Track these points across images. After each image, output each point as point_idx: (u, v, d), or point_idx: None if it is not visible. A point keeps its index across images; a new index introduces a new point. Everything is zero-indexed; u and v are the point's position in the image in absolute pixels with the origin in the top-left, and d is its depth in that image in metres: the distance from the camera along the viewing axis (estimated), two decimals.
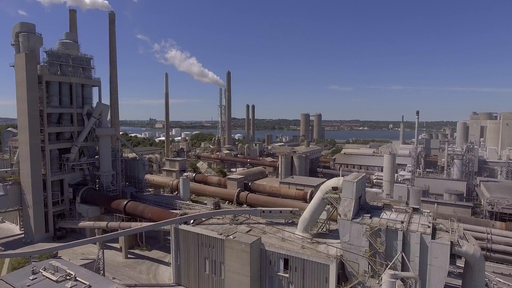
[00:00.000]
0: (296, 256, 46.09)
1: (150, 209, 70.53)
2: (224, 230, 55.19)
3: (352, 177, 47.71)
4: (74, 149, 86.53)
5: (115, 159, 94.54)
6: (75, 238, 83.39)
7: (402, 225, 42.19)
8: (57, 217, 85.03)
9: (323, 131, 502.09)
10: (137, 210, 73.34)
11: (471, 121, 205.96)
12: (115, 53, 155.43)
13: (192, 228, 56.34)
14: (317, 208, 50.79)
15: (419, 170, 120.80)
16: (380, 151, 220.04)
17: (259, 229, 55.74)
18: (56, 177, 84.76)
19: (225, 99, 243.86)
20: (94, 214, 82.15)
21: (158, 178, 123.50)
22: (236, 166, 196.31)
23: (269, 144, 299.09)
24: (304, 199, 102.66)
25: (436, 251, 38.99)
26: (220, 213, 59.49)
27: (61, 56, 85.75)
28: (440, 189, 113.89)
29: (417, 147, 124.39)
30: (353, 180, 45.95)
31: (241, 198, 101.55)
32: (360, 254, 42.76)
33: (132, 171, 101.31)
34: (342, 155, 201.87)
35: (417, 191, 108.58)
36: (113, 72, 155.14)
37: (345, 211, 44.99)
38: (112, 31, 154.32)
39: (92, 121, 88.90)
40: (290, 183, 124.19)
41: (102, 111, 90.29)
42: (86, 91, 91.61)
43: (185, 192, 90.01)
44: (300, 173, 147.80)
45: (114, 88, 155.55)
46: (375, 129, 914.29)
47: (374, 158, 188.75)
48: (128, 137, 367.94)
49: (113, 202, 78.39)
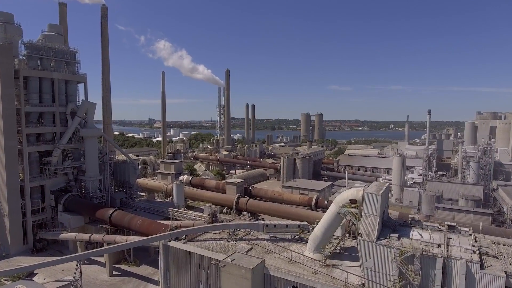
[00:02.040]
0: (307, 285, 37.98)
1: (138, 220, 62.34)
2: (221, 248, 47.10)
3: (375, 188, 39.60)
4: (56, 151, 78.23)
5: (103, 162, 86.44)
6: (57, 250, 75.39)
7: (440, 249, 34.12)
8: (37, 227, 76.77)
9: (324, 131, 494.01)
10: (124, 221, 65.17)
11: (479, 121, 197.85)
12: (108, 49, 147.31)
13: (184, 246, 48.19)
14: (331, 225, 42.67)
15: (430, 173, 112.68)
16: (384, 152, 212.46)
17: (261, 247, 47.63)
18: (36, 183, 76.54)
19: (224, 98, 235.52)
20: (77, 224, 74.04)
21: (152, 182, 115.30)
22: (236, 168, 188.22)
23: (270, 144, 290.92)
24: (309, 205, 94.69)
25: (487, 285, 30.95)
26: (216, 228, 51.34)
27: (42, 49, 77.46)
28: (455, 194, 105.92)
29: (429, 148, 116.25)
30: (377, 192, 37.84)
31: (240, 205, 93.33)
32: (388, 285, 34.65)
33: (122, 175, 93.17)
34: (346, 157, 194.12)
35: (430, 196, 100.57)
36: (105, 69, 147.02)
37: (367, 230, 36.87)
38: (104, 26, 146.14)
39: (77, 120, 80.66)
40: (293, 187, 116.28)
41: (88, 110, 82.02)
42: (71, 87, 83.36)
43: (179, 199, 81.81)
44: (303, 176, 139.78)
45: (106, 86, 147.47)
46: (375, 129, 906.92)
47: (380, 159, 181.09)
48: (125, 137, 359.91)
49: (98, 211, 70.20)
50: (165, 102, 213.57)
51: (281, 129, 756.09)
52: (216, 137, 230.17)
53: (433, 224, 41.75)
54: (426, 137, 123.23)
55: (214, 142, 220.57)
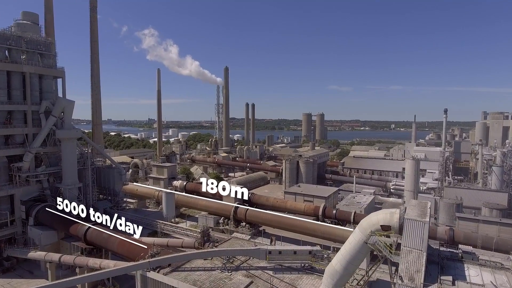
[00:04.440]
0: None
1: (115, 240, 52.23)
2: (213, 282, 37.20)
3: (417, 210, 29.60)
4: (27, 156, 68.08)
5: (83, 168, 76.49)
6: (28, 270, 65.28)
7: None
8: (5, 243, 66.63)
9: (325, 131, 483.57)
10: (101, 239, 55.11)
11: (491, 121, 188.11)
12: (97, 44, 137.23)
13: (166, 278, 38.31)
14: (355, 257, 32.64)
15: (448, 178, 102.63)
16: (391, 153, 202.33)
17: (263, 281, 37.72)
18: (4, 192, 66.31)
19: (222, 97, 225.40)
20: (49, 240, 63.99)
21: (142, 188, 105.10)
22: (235, 171, 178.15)
23: (270, 145, 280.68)
24: (315, 216, 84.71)
25: None
26: (207, 255, 41.29)
27: (10, 38, 67.37)
28: (476, 201, 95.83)
29: (445, 151, 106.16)
30: (421, 218, 27.84)
31: (239, 214, 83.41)
32: None
33: (106, 182, 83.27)
34: (351, 158, 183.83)
35: (450, 204, 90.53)
36: (94, 65, 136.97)
37: (410, 271, 26.90)
38: (93, 19, 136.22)
39: (52, 120, 70.58)
40: (296, 193, 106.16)
41: (65, 108, 71.99)
42: (46, 83, 73.30)
43: (168, 210, 72.04)
44: (307, 180, 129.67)
45: (96, 83, 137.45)
46: (376, 129, 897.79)
47: (387, 162, 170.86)
48: (121, 138, 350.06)
49: (72, 226, 60.07)
50: (160, 101, 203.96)
51: (281, 129, 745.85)
52: (215, 138, 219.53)
53: (494, 259, 31.66)
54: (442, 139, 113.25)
55: (213, 143, 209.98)
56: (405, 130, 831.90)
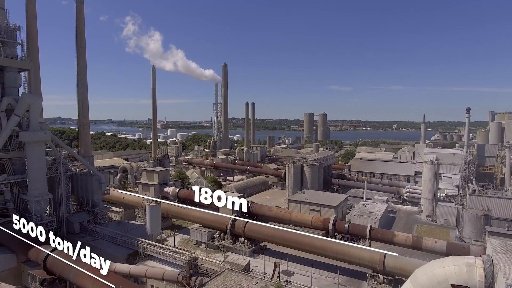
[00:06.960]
0: None
1: (78, 273, 40.97)
2: None
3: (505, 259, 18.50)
4: None
5: (55, 175, 65.59)
6: None
7: None
8: None
9: (328, 131, 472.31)
10: (62, 269, 44.08)
11: (507, 121, 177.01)
12: (84, 38, 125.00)
13: None
14: None
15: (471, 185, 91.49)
16: (399, 155, 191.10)
17: None
18: None
19: (221, 95, 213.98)
20: (7, 265, 53.14)
21: (129, 196, 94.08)
22: (234, 174, 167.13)
23: (271, 146, 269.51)
24: (324, 229, 73.88)
25: None
26: None
27: None
28: (505, 212, 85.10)
29: (467, 155, 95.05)
30: None
31: (236, 229, 72.56)
32: None
33: (84, 191, 72.50)
34: (358, 161, 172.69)
35: (477, 216, 79.67)
36: (81, 61, 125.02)
37: None
38: (80, 10, 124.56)
39: (14, 120, 59.60)
40: (302, 202, 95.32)
41: (30, 106, 60.90)
42: (8, 76, 62.20)
43: (153, 226, 61.01)
44: (312, 185, 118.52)
45: (82, 80, 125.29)
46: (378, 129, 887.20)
47: (397, 165, 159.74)
48: (117, 138, 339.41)
49: (31, 249, 49.04)
50: (155, 100, 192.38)
51: (282, 130, 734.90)
52: (213, 139, 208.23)
53: None
54: (465, 140, 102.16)
55: (211, 145, 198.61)
56: (408, 130, 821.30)
